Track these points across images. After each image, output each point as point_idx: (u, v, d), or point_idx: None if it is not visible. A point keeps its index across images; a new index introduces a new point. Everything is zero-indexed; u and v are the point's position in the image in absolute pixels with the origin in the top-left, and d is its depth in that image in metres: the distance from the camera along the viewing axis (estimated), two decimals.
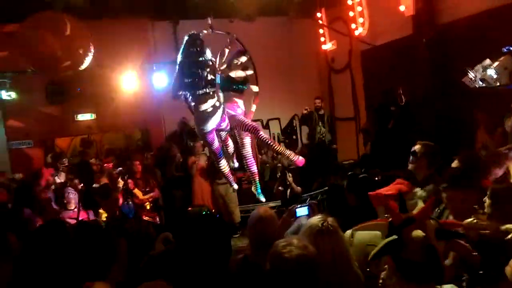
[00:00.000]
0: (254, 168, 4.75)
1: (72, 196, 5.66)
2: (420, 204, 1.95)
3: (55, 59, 6.72)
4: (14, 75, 7.96)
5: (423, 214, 1.83)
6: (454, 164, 3.26)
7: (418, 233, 1.74)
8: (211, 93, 4.12)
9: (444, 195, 2.85)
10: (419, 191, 3.31)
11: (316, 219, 2.22)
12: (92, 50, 7.01)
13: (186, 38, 4.17)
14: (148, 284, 1.87)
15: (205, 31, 4.32)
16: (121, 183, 6.58)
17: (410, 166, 3.55)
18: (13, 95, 7.90)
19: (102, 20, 7.80)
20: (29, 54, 7.13)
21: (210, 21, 4.43)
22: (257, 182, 4.77)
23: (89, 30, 7.16)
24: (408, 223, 1.77)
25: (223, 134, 4.62)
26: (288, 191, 6.60)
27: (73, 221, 4.64)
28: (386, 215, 2.63)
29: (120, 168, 7.23)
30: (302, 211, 2.88)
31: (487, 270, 2.08)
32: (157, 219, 7.01)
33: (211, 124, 4.22)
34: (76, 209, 5.57)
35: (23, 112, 8.30)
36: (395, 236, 1.75)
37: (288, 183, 6.59)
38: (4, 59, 7.94)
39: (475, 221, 2.37)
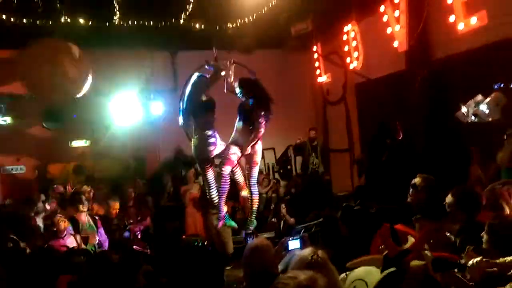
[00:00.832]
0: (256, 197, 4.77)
1: (63, 224, 5.54)
2: (411, 239, 1.94)
3: (53, 86, 6.77)
4: (10, 100, 7.97)
5: (418, 245, 1.81)
6: (448, 198, 3.26)
7: (417, 262, 1.71)
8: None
9: (417, 225, 2.86)
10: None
11: (307, 251, 2.22)
12: (90, 78, 7.08)
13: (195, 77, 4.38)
14: None
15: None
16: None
17: (409, 199, 3.54)
18: (8, 120, 7.89)
19: (101, 48, 7.91)
20: (27, 80, 7.19)
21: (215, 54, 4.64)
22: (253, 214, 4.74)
23: (88, 58, 7.25)
24: (405, 254, 1.75)
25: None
26: (282, 222, 6.53)
27: (63, 249, 4.52)
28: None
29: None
30: (294, 244, 2.85)
31: None
32: (148, 249, 6.86)
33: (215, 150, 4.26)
34: (66, 237, 5.45)
35: (16, 137, 8.25)
36: (393, 268, 1.72)
37: (282, 215, 6.53)
38: (1, 84, 7.98)
39: (478, 259, 2.34)
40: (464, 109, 4.96)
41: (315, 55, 9.74)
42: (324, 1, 7.92)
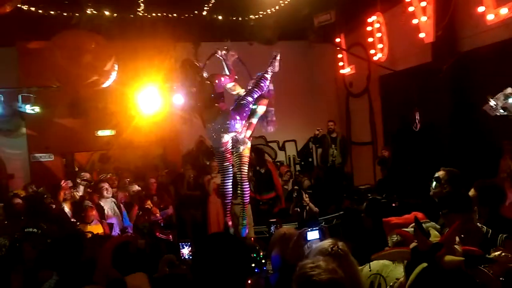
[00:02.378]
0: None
1: (90, 210, 5.73)
2: (433, 233, 1.90)
3: (80, 76, 6.92)
4: (39, 90, 8.20)
5: (450, 238, 1.77)
6: (471, 192, 3.21)
7: (451, 257, 1.67)
8: None
9: (445, 219, 2.83)
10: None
11: (327, 242, 2.21)
12: (116, 69, 7.20)
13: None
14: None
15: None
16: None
17: (432, 192, 3.50)
18: (36, 109, 8.12)
19: (125, 40, 8.02)
20: (55, 70, 7.37)
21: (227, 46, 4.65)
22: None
23: (113, 49, 7.38)
24: (437, 249, 1.70)
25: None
26: (305, 212, 6.53)
27: (89, 235, 4.68)
28: (393, 240, 2.58)
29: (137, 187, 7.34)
30: (313, 234, 2.85)
31: None
32: (170, 237, 7.01)
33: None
34: (93, 223, 5.64)
35: (45, 126, 8.50)
36: (425, 264, 1.67)
37: (305, 203, 6.53)
38: (30, 75, 8.21)
39: (503, 254, 2.30)
40: (492, 102, 4.83)
41: (338, 47, 9.64)
42: None
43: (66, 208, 6.07)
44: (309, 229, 2.88)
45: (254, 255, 2.94)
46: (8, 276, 3.37)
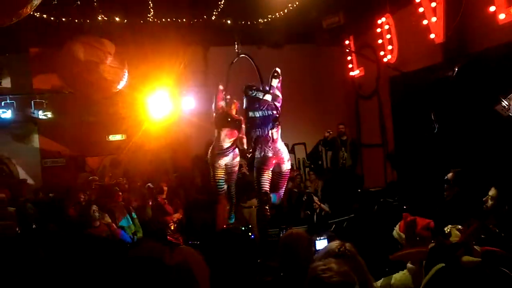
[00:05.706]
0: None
1: (97, 214, 5.77)
2: (455, 232, 1.88)
3: (91, 82, 7.01)
4: (51, 96, 8.32)
5: (468, 239, 1.76)
6: (491, 192, 3.17)
7: (469, 258, 1.65)
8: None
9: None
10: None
11: (334, 243, 2.21)
12: (126, 74, 7.28)
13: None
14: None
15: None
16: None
17: (445, 194, 3.48)
18: (49, 115, 8.23)
19: (135, 45, 8.11)
20: (67, 76, 7.48)
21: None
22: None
23: (123, 55, 7.46)
24: (455, 249, 1.69)
25: None
26: (315, 215, 6.51)
27: None
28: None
29: (149, 184, 7.40)
30: (321, 243, 2.81)
31: None
32: (180, 240, 7.03)
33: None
34: (100, 227, 5.69)
35: (57, 131, 8.61)
36: (442, 264, 1.66)
37: (316, 206, 6.51)
38: (43, 81, 8.34)
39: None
40: (504, 103, 4.77)
41: (347, 49, 9.60)
42: None
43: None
44: (318, 239, 2.86)
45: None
46: None
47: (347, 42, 9.47)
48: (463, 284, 1.61)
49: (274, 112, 4.55)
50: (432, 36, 6.61)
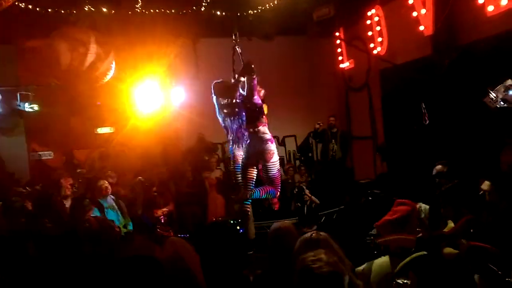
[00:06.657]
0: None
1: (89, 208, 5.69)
2: (450, 224, 1.92)
3: (77, 74, 6.90)
4: (37, 88, 8.18)
5: (456, 232, 1.79)
6: (484, 185, 3.17)
7: (450, 250, 1.69)
8: None
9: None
10: (423, 205, 3.30)
11: (307, 234, 2.28)
12: (114, 65, 7.18)
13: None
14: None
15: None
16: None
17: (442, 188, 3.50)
18: (35, 107, 8.10)
19: (123, 36, 7.99)
20: (53, 68, 7.35)
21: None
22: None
23: (111, 46, 7.34)
24: (440, 240, 1.72)
25: None
26: (305, 207, 6.53)
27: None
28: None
29: (140, 178, 7.34)
30: None
31: None
32: (171, 233, 7.00)
33: None
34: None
35: (44, 124, 8.49)
36: (423, 252, 1.70)
37: (306, 199, 6.53)
38: (28, 73, 8.19)
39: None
40: (492, 95, 4.81)
41: (338, 41, 9.59)
42: None
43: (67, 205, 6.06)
44: (308, 230, 2.88)
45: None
46: None
47: (337, 34, 9.46)
48: (437, 272, 1.64)
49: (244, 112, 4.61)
50: (422, 28, 6.63)
